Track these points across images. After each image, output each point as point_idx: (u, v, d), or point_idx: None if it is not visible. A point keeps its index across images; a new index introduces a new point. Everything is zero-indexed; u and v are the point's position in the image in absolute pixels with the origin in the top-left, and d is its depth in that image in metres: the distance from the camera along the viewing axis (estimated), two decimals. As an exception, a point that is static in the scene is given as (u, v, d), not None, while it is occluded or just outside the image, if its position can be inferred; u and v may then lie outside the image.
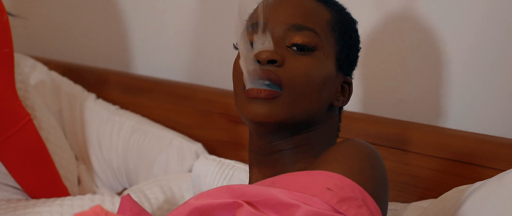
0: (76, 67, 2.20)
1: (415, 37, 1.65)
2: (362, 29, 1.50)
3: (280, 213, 1.08)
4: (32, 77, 2.05)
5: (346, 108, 1.66)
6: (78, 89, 2.10)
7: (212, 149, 1.88)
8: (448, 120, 1.61)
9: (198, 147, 1.87)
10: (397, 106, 1.68)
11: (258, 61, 1.19)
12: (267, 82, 1.19)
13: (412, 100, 1.67)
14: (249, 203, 1.10)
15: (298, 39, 1.21)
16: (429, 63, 1.63)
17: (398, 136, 1.57)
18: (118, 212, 1.39)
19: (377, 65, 1.71)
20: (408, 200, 1.50)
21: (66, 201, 1.72)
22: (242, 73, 1.21)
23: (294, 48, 1.21)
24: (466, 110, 1.59)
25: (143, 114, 2.02)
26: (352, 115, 1.65)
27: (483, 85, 1.57)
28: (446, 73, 1.61)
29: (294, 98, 1.19)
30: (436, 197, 1.41)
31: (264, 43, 1.21)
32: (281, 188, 1.12)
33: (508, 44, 1.53)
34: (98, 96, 2.10)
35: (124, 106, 2.06)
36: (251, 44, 1.22)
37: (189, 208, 1.11)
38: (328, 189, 1.09)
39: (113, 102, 2.08)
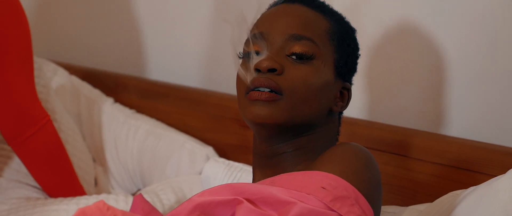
0: (96, 72, 2.22)
1: (416, 48, 1.66)
2: (365, 40, 1.54)
3: (278, 210, 1.12)
4: (54, 81, 2.08)
5: (352, 114, 1.71)
6: (96, 93, 2.12)
7: (223, 153, 1.90)
8: (447, 128, 1.63)
9: (209, 150, 1.89)
10: (400, 114, 1.70)
11: (259, 70, 1.24)
12: (267, 90, 1.23)
13: (414, 108, 1.68)
14: (249, 200, 1.13)
15: (297, 48, 1.25)
16: (430, 73, 1.65)
17: (400, 142, 1.59)
18: (131, 210, 1.42)
19: (381, 75, 1.73)
20: (408, 204, 1.52)
21: (82, 200, 1.75)
22: (244, 79, 1.25)
23: (293, 57, 1.25)
24: (465, 118, 1.61)
25: (159, 118, 2.04)
26: (357, 122, 1.67)
27: (481, 95, 1.58)
28: (446, 83, 1.62)
29: (293, 103, 1.23)
30: (433, 201, 1.43)
31: (263, 53, 1.25)
32: (279, 186, 1.16)
33: (508, 54, 1.54)
34: (116, 100, 2.12)
35: (140, 110, 2.08)
36: (253, 53, 1.26)
37: (192, 204, 1.14)
38: (323, 188, 1.13)
39: (130, 106, 2.10)
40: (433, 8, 1.64)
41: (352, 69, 1.33)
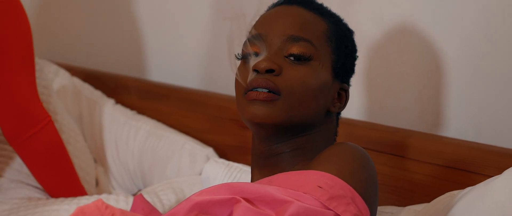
0: (97, 73, 2.23)
1: (415, 49, 1.67)
2: (364, 41, 1.54)
3: (275, 209, 1.13)
4: (55, 83, 2.08)
5: (351, 116, 1.71)
6: (98, 95, 2.13)
7: (223, 153, 1.91)
8: (445, 129, 1.63)
9: (209, 151, 1.90)
10: (398, 115, 1.70)
11: (257, 71, 1.25)
12: (266, 90, 1.24)
13: (412, 108, 1.69)
14: (247, 200, 1.14)
15: (294, 49, 1.26)
16: (429, 73, 1.66)
17: (397, 143, 1.59)
18: (131, 210, 1.42)
19: (380, 76, 1.74)
20: (405, 204, 1.52)
21: (83, 200, 1.76)
22: (243, 79, 1.26)
23: (291, 58, 1.26)
24: (463, 119, 1.61)
25: (159, 119, 2.05)
26: (356, 123, 1.68)
27: (479, 95, 1.59)
28: (445, 83, 1.63)
29: (291, 103, 1.24)
30: (430, 201, 1.43)
31: (261, 54, 1.26)
32: (276, 186, 1.17)
33: (507, 55, 1.55)
34: (117, 101, 2.13)
35: (141, 111, 2.09)
36: (251, 55, 1.27)
37: (190, 203, 1.15)
38: (319, 187, 1.14)
39: (131, 107, 2.11)
40: (432, 8, 1.64)
41: (350, 71, 1.35)
